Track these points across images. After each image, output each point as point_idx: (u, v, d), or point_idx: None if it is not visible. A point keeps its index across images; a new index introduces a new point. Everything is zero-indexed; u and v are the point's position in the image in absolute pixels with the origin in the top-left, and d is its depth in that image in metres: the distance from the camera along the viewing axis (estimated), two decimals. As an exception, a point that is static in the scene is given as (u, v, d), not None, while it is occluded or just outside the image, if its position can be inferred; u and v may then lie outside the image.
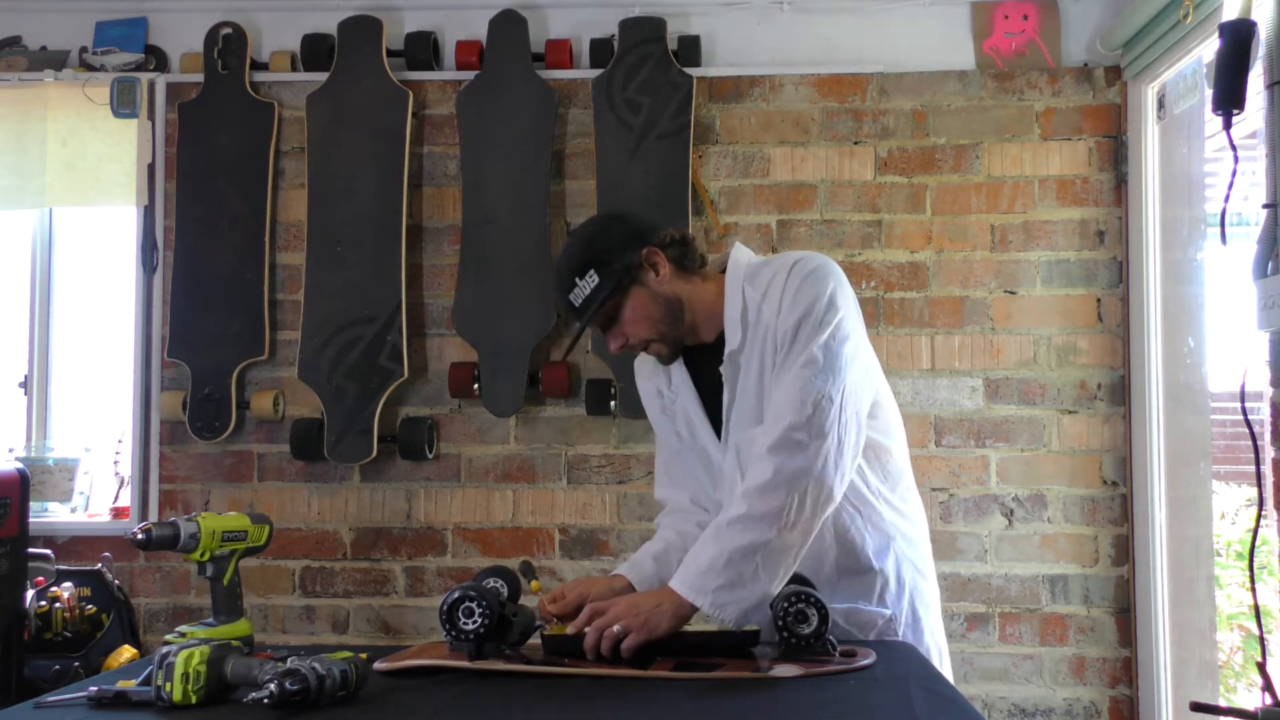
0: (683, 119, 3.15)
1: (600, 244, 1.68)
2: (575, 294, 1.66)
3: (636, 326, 1.69)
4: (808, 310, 1.59)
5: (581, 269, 1.66)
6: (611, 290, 1.65)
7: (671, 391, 1.79)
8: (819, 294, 1.61)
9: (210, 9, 3.29)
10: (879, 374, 1.75)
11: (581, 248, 1.69)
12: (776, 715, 1.23)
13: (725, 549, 1.50)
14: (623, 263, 1.66)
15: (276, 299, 3.27)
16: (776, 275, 1.66)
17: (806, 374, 1.56)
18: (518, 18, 3.21)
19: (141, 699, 1.25)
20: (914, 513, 1.79)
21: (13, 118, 3.30)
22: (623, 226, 1.73)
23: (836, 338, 1.59)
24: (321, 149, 3.22)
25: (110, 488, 3.39)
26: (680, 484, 1.84)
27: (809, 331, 1.59)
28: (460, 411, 3.24)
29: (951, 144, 3.21)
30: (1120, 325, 3.15)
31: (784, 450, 1.53)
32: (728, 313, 1.69)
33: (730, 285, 1.70)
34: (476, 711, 1.27)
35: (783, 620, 1.46)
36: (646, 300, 1.68)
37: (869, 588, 1.71)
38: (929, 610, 1.78)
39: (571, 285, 1.66)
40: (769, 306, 1.64)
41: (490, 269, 3.15)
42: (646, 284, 1.68)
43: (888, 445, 1.74)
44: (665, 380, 1.80)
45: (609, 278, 1.65)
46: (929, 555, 1.81)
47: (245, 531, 1.60)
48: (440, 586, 3.19)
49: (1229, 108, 2.05)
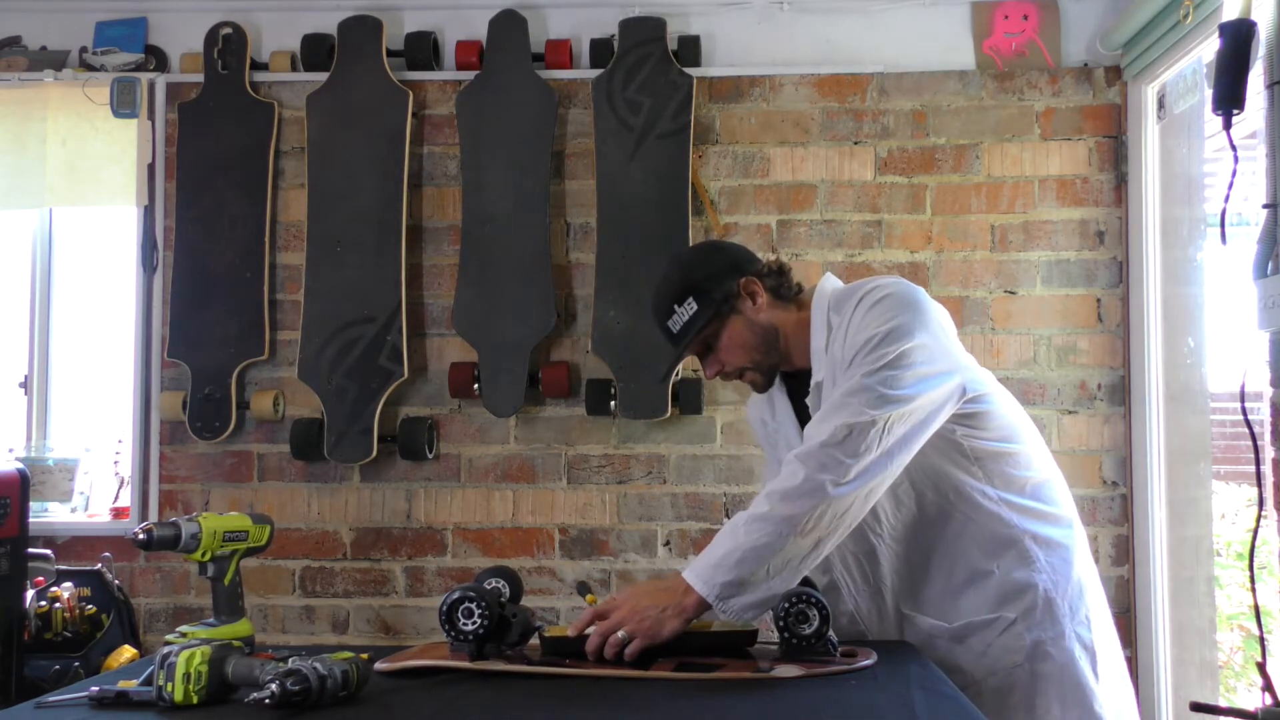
0: (683, 119, 3.15)
1: (700, 272, 1.72)
2: (674, 320, 1.70)
3: (732, 354, 1.73)
4: (866, 340, 1.58)
5: (681, 296, 1.69)
6: (710, 318, 1.69)
7: (775, 421, 1.82)
8: (880, 325, 1.58)
9: (210, 9, 3.29)
10: (990, 384, 1.72)
11: (682, 275, 1.73)
12: (776, 715, 1.23)
13: (740, 546, 1.50)
14: (722, 291, 1.70)
15: (276, 299, 3.27)
16: (859, 301, 1.65)
17: (853, 400, 1.54)
18: (518, 18, 3.21)
19: (143, 699, 1.25)
20: (1051, 513, 1.71)
21: (13, 118, 3.30)
22: (722, 256, 1.76)
23: (895, 366, 1.55)
24: (321, 149, 3.22)
25: (110, 488, 3.39)
26: None
27: (862, 360, 1.57)
28: (460, 411, 3.24)
29: (951, 144, 3.21)
30: (1120, 325, 3.15)
31: (815, 461, 1.51)
32: (814, 343, 1.71)
33: (816, 315, 1.72)
34: (476, 711, 1.27)
35: (783, 620, 1.46)
36: (743, 329, 1.71)
37: (991, 595, 1.66)
38: (1073, 612, 1.67)
39: (670, 312, 1.70)
40: (843, 332, 1.64)
41: (490, 269, 3.15)
42: (744, 312, 1.71)
43: (1007, 451, 1.69)
44: (769, 410, 1.83)
45: (708, 306, 1.69)
46: (1074, 555, 1.71)
47: (246, 531, 1.60)
48: (440, 587, 3.19)
49: (1229, 108, 2.05)
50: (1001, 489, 1.68)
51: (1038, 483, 1.71)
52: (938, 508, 1.68)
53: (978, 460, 1.67)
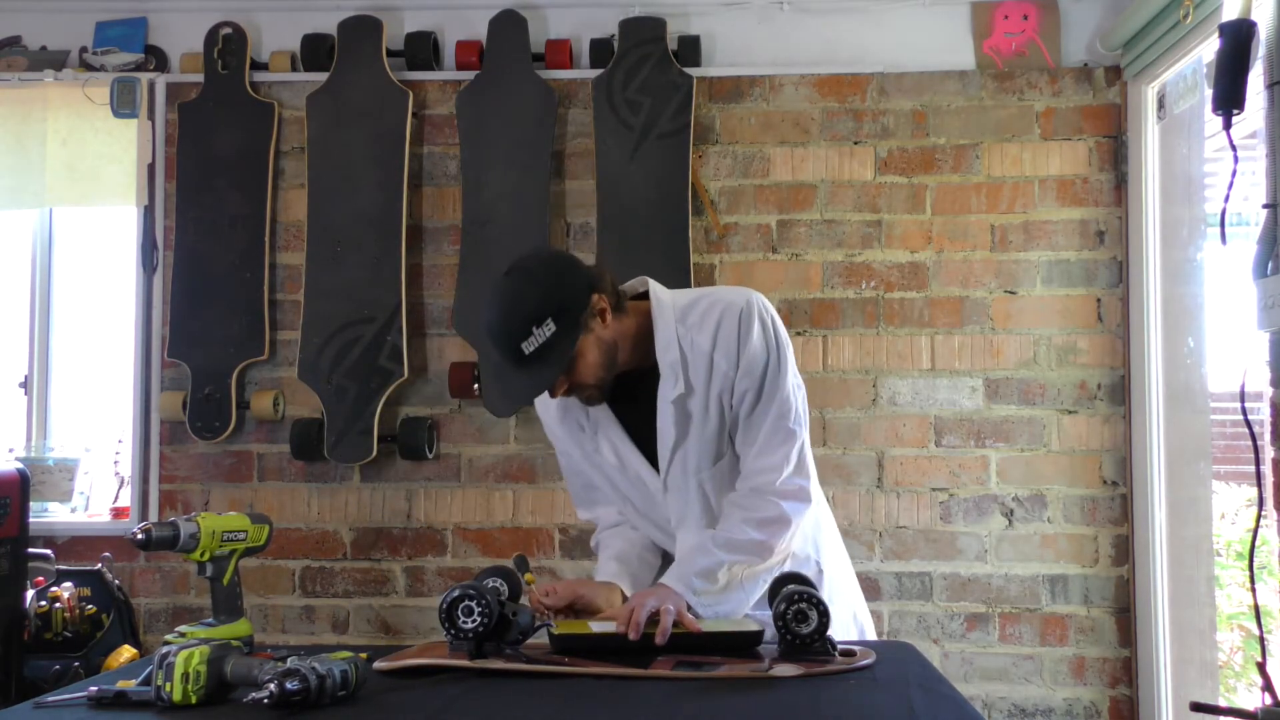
0: (683, 119, 3.15)
1: (559, 291, 1.59)
2: (528, 343, 1.56)
3: (583, 375, 1.63)
4: (767, 359, 1.68)
5: (539, 316, 1.56)
6: (570, 341, 1.59)
7: (591, 423, 1.77)
8: (771, 340, 1.69)
9: (210, 9, 3.29)
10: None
11: (540, 293, 1.58)
12: (776, 715, 1.23)
13: (724, 561, 1.63)
14: (583, 311, 1.60)
15: (276, 299, 3.27)
16: (724, 322, 1.68)
17: (785, 424, 1.69)
18: (518, 18, 3.21)
19: (141, 699, 1.25)
20: (819, 496, 1.87)
21: (13, 118, 3.30)
22: (577, 273, 1.65)
23: (791, 373, 1.72)
24: (321, 149, 3.22)
25: (110, 488, 3.39)
26: (604, 504, 1.88)
27: (773, 380, 1.69)
28: (460, 411, 3.24)
29: (951, 144, 3.21)
30: (1120, 325, 3.15)
31: (788, 494, 1.68)
32: (664, 355, 1.68)
33: (660, 326, 1.69)
34: (476, 711, 1.26)
35: (783, 620, 1.46)
36: (594, 348, 1.63)
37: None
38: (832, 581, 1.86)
39: (525, 334, 1.55)
40: (722, 356, 1.68)
41: (490, 269, 3.15)
42: (594, 331, 1.62)
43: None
44: (583, 413, 1.77)
45: (568, 327, 1.58)
46: (835, 533, 1.93)
47: (245, 531, 1.60)
48: (440, 586, 3.19)
49: (1229, 108, 2.05)
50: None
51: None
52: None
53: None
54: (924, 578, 3.15)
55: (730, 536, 1.65)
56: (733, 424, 1.71)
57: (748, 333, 1.67)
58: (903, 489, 3.17)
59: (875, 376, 3.19)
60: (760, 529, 1.65)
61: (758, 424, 1.69)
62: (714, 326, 1.68)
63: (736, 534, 1.65)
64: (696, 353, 1.68)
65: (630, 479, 1.78)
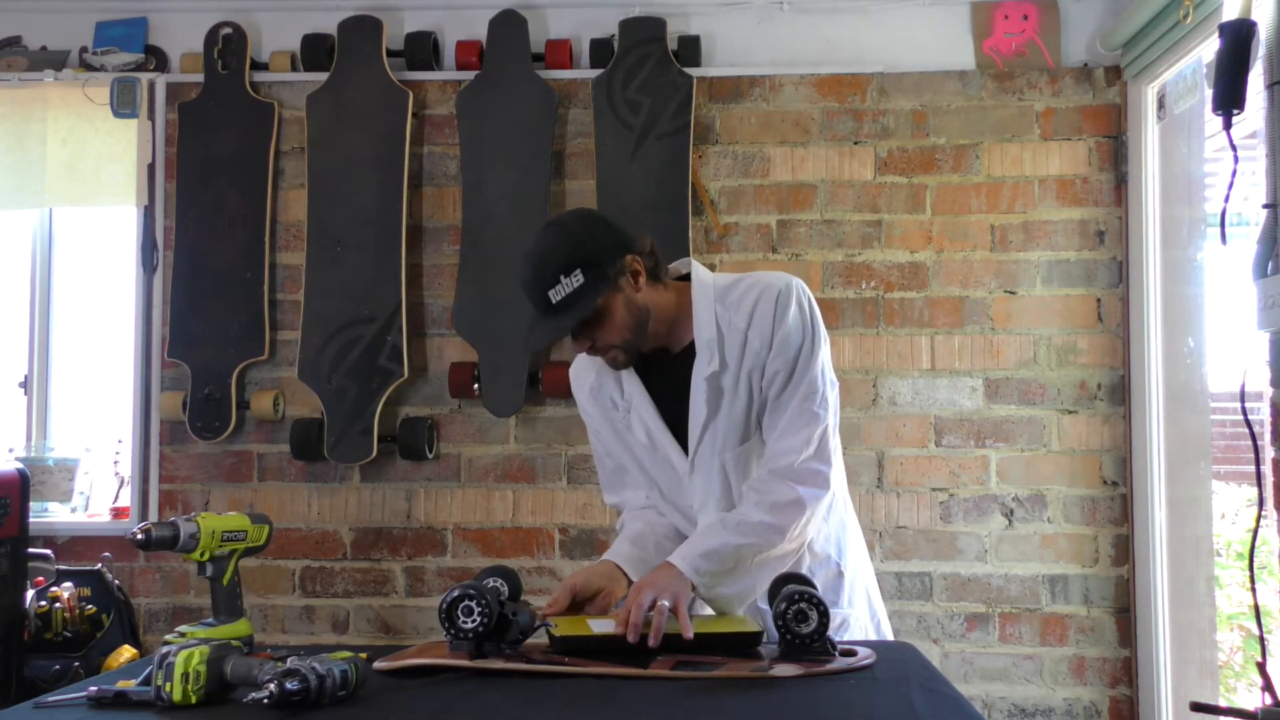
0: (683, 119, 3.15)
1: (590, 244, 1.66)
2: (556, 291, 1.63)
3: (608, 332, 1.68)
4: (801, 341, 1.69)
5: (568, 266, 1.62)
6: (596, 293, 1.64)
7: (625, 400, 1.79)
8: (807, 323, 1.71)
9: (210, 9, 3.29)
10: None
11: (570, 245, 1.65)
12: (776, 715, 1.23)
13: (731, 543, 1.62)
14: (611, 266, 1.65)
15: (276, 299, 3.27)
16: (760, 302, 1.70)
17: (810, 406, 1.69)
18: (518, 18, 3.21)
19: (141, 699, 1.25)
20: (845, 496, 1.87)
21: (13, 118, 3.30)
22: (610, 230, 1.71)
23: (824, 363, 1.72)
24: (321, 149, 3.22)
25: (110, 488, 3.39)
26: (632, 488, 1.89)
27: (804, 363, 1.69)
28: (460, 411, 3.24)
29: (951, 144, 3.21)
30: (1120, 325, 3.15)
31: (805, 477, 1.66)
32: (701, 333, 1.71)
33: (700, 304, 1.73)
34: (476, 711, 1.26)
35: (783, 620, 1.46)
36: (622, 308, 1.68)
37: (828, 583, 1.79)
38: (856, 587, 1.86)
39: (554, 281, 1.62)
40: (757, 334, 1.69)
41: (490, 269, 3.15)
42: (624, 290, 1.68)
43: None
44: (617, 390, 1.80)
45: (595, 280, 1.64)
46: (859, 533, 1.92)
47: (245, 531, 1.60)
48: (440, 586, 3.19)
49: (1229, 108, 2.05)
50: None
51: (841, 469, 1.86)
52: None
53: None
54: (924, 578, 3.15)
55: (742, 519, 1.64)
56: (761, 406, 1.72)
57: (784, 313, 1.69)
58: (903, 489, 3.17)
59: (875, 376, 3.19)
60: (772, 512, 1.64)
61: (784, 405, 1.70)
62: (751, 305, 1.71)
63: (748, 516, 1.64)
64: (733, 330, 1.71)
65: (659, 460, 1.79)
